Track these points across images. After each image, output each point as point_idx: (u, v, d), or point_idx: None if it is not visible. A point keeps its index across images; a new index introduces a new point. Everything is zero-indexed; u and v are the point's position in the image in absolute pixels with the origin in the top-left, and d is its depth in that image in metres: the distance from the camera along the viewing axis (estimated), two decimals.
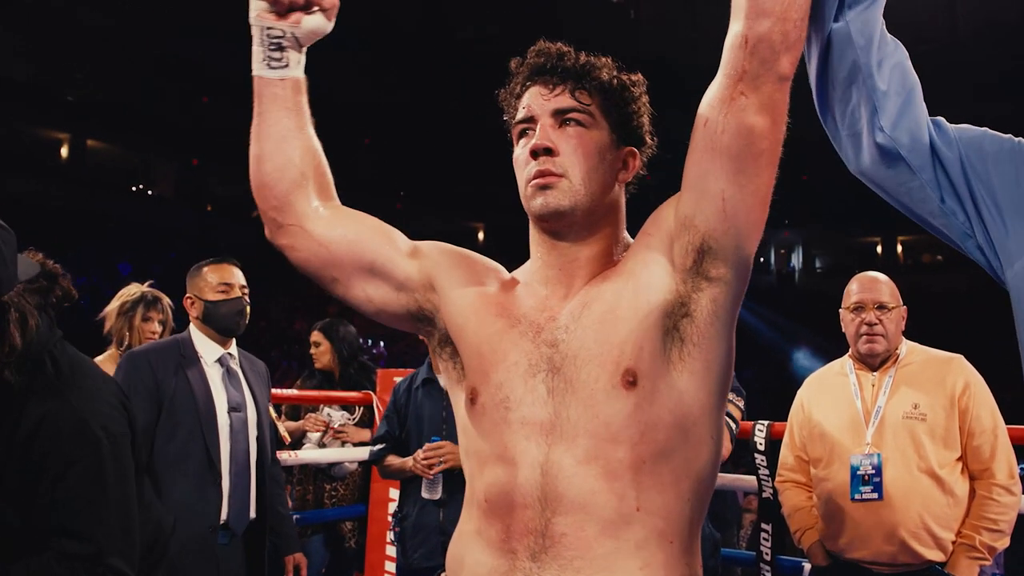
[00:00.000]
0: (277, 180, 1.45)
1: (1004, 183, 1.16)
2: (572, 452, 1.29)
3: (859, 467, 2.68)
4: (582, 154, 1.38)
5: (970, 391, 2.66)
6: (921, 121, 1.23)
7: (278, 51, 1.44)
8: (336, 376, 4.81)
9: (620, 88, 1.44)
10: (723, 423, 1.38)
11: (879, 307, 2.80)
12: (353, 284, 1.47)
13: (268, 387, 3.31)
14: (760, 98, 1.24)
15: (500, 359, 1.38)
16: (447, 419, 3.35)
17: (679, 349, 1.31)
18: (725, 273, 1.30)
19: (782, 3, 1.22)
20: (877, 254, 26.14)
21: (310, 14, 1.43)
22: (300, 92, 1.48)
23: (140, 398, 2.80)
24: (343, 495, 4.65)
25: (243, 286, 3.14)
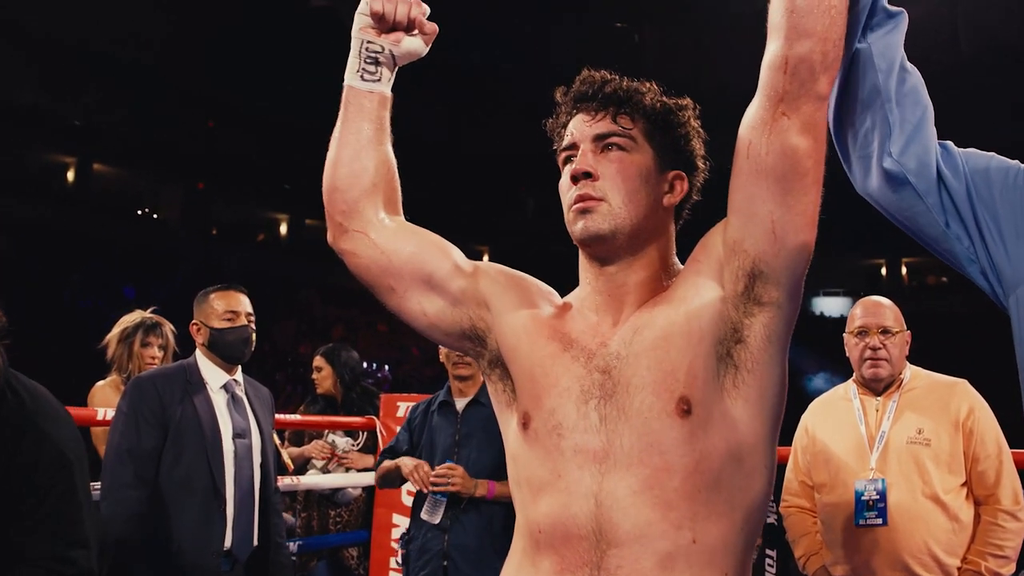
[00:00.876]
0: (350, 186, 1.49)
1: (1008, 209, 1.17)
2: (627, 482, 1.27)
3: (863, 492, 2.66)
4: (622, 178, 1.38)
5: (974, 416, 2.65)
6: (930, 146, 1.23)
7: (374, 65, 1.50)
8: (339, 401, 4.81)
9: (664, 112, 1.44)
10: (775, 453, 1.36)
11: (883, 331, 2.79)
12: (409, 296, 1.49)
13: (272, 414, 3.32)
14: (802, 118, 1.24)
15: (552, 384, 1.37)
16: (460, 443, 3.34)
17: (733, 376, 1.30)
18: (777, 296, 1.29)
19: (823, 23, 1.23)
20: (882, 276, 26.11)
21: (410, 36, 1.49)
22: (385, 108, 1.52)
23: (146, 423, 2.83)
24: (347, 521, 4.64)
25: (249, 314, 3.14)
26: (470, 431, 3.35)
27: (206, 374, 3.04)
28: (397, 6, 1.47)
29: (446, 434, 3.39)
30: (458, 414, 3.41)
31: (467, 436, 3.35)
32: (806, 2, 1.23)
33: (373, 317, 20.33)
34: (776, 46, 1.25)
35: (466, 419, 3.39)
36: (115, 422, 2.91)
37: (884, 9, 1.30)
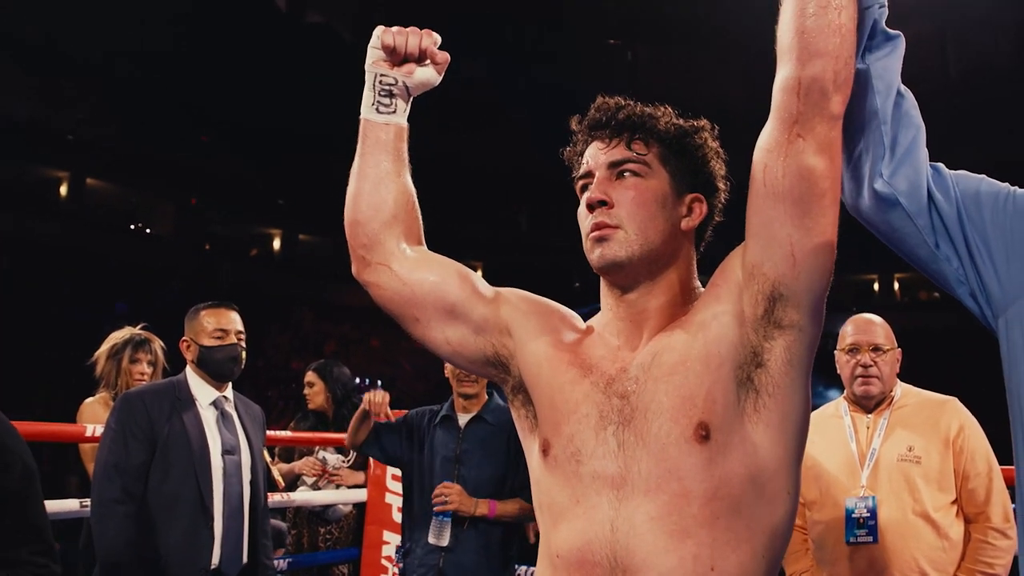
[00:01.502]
0: (370, 219, 1.51)
1: (998, 232, 1.18)
2: (643, 508, 1.26)
3: (854, 510, 2.66)
4: (637, 204, 1.37)
5: (964, 434, 2.65)
6: (921, 168, 1.24)
7: (388, 97, 1.52)
8: (330, 417, 4.79)
9: (679, 135, 1.43)
10: (800, 477, 1.34)
11: (874, 349, 2.79)
12: (433, 325, 1.50)
13: (263, 431, 3.31)
14: (816, 139, 1.24)
15: (572, 410, 1.36)
16: (460, 458, 3.35)
17: (754, 401, 1.29)
18: (798, 319, 1.28)
19: (834, 43, 1.23)
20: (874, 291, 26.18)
21: (423, 66, 1.52)
22: (402, 139, 1.54)
23: (134, 439, 2.83)
24: (337, 538, 4.62)
25: (239, 332, 3.14)
26: (470, 447, 3.37)
27: (196, 391, 3.04)
28: (408, 38, 1.50)
29: (447, 449, 3.39)
30: (460, 429, 3.41)
31: (467, 452, 3.36)
32: (815, 23, 1.24)
33: (366, 333, 20.29)
34: (788, 68, 1.26)
35: (468, 435, 3.40)
36: (104, 438, 2.90)
37: (883, 31, 1.31)
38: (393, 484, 4.48)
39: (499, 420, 3.38)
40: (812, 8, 1.24)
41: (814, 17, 1.24)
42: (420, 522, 3.36)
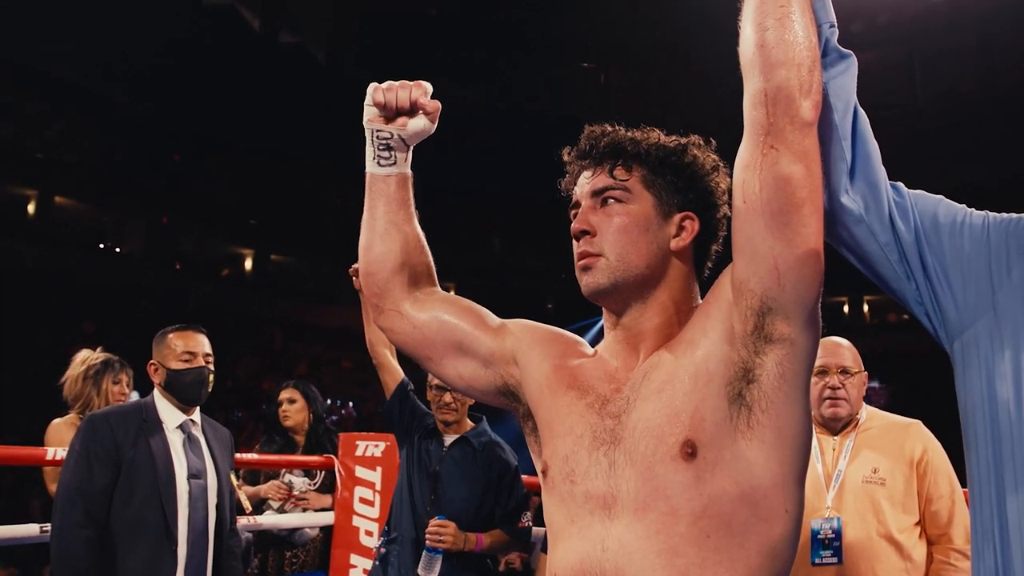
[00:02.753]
0: (378, 269, 1.59)
1: (955, 254, 1.19)
2: (632, 527, 1.27)
3: (819, 531, 2.67)
4: (618, 230, 1.40)
5: (928, 456, 2.68)
6: (881, 186, 1.26)
7: (387, 151, 1.59)
8: (301, 438, 4.75)
9: (663, 156, 1.44)
10: (803, 495, 1.33)
11: (843, 371, 2.81)
12: (444, 362, 1.57)
13: (231, 454, 3.30)
14: (790, 148, 1.25)
15: (568, 431, 1.39)
16: (439, 475, 3.40)
17: (747, 417, 1.28)
18: (789, 332, 1.28)
19: (793, 51, 1.25)
20: (844, 313, 26.42)
21: (415, 117, 1.57)
22: (406, 187, 1.62)
23: (98, 462, 2.80)
24: (304, 561, 4.56)
25: (207, 354, 3.13)
26: (451, 468, 3.41)
27: (163, 414, 3.02)
28: (397, 94, 1.55)
29: (429, 463, 3.44)
30: (443, 448, 3.47)
31: (447, 471, 3.41)
32: (775, 36, 1.26)
33: (338, 353, 20.17)
34: (754, 83, 1.27)
35: (450, 455, 3.44)
36: (67, 460, 2.87)
37: (836, 49, 1.33)
38: (360, 507, 4.44)
39: (483, 445, 3.44)
40: (770, 22, 1.26)
41: (772, 30, 1.26)
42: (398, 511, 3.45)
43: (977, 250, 1.17)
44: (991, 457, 1.11)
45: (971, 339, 1.16)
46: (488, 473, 3.39)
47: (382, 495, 4.41)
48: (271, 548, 4.56)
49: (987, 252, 1.17)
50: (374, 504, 4.45)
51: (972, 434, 1.14)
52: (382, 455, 4.51)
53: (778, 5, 1.26)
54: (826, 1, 1.33)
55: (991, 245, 1.17)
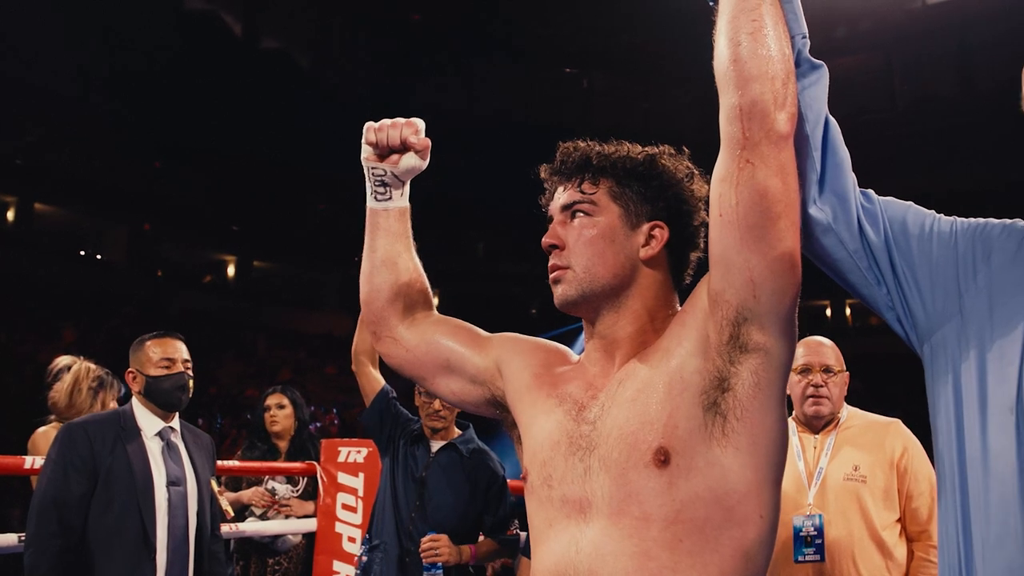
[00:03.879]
0: (374, 299, 1.68)
1: (924, 259, 1.20)
2: (606, 531, 1.30)
3: (801, 528, 2.69)
4: (583, 243, 1.44)
5: (908, 455, 2.71)
6: (850, 195, 1.27)
7: (382, 187, 1.67)
8: (285, 444, 4.73)
9: (629, 168, 1.47)
10: (779, 500, 1.35)
11: (825, 370, 2.85)
12: (437, 380, 1.66)
13: (213, 460, 3.29)
14: (766, 162, 1.25)
15: (546, 437, 1.42)
16: (425, 481, 3.40)
17: (721, 425, 1.29)
18: (764, 342, 1.29)
19: (766, 65, 1.26)
20: (826, 317, 26.58)
21: (406, 155, 1.63)
22: (403, 220, 1.70)
23: (75, 470, 2.78)
24: (287, 569, 4.52)
25: (186, 360, 3.13)
26: (437, 473, 3.42)
27: (141, 421, 3.01)
28: (388, 133, 1.62)
29: (415, 468, 3.44)
30: (430, 453, 3.47)
31: (433, 477, 3.41)
32: (748, 50, 1.26)
33: (321, 360, 20.10)
34: (729, 97, 1.28)
35: (437, 461, 3.45)
36: (44, 469, 2.85)
37: (808, 60, 1.34)
38: (343, 513, 4.42)
39: (470, 452, 3.46)
40: (743, 37, 1.27)
41: (746, 45, 1.26)
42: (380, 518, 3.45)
43: (945, 255, 1.19)
44: (955, 457, 1.12)
45: (939, 341, 1.18)
46: (475, 480, 3.40)
47: (365, 501, 4.40)
48: (253, 555, 4.53)
49: (955, 257, 1.19)
50: (357, 510, 4.44)
51: (944, 433, 1.16)
52: (364, 461, 4.49)
53: (750, 19, 1.27)
54: (798, 13, 1.35)
55: (958, 250, 1.19)
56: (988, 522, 1.05)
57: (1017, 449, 1.04)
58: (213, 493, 3.22)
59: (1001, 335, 1.10)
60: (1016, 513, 1.01)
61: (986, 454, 1.07)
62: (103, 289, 19.98)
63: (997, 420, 1.07)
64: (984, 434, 1.08)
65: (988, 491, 1.05)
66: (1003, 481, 1.04)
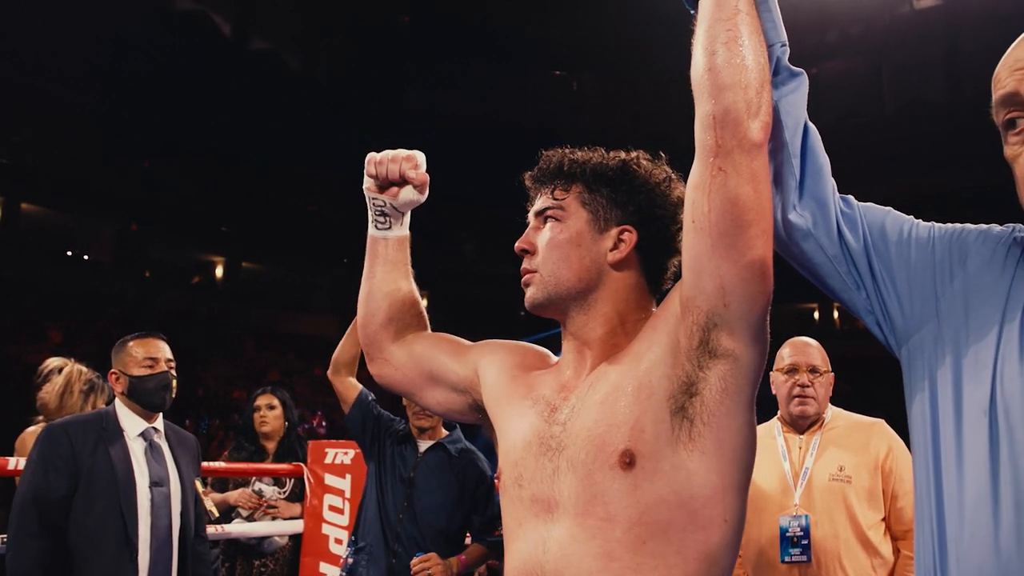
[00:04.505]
0: (369, 322, 1.75)
1: (902, 263, 1.21)
2: (572, 532, 1.32)
3: (788, 529, 2.71)
4: (551, 247, 1.49)
5: (893, 455, 2.73)
6: (829, 200, 1.28)
7: (382, 216, 1.73)
8: (273, 445, 4.71)
9: (599, 173, 1.51)
10: (745, 504, 1.37)
11: (812, 370, 2.86)
12: (424, 393, 1.73)
13: (197, 461, 3.28)
14: (738, 170, 1.25)
15: (519, 438, 1.46)
16: (413, 482, 3.40)
17: (688, 429, 1.31)
18: (733, 348, 1.30)
19: (740, 74, 1.26)
20: (814, 320, 26.69)
21: (404, 188, 1.69)
22: (402, 248, 1.77)
23: (56, 471, 2.78)
24: (273, 570, 4.50)
25: (169, 360, 3.13)
26: (425, 473, 3.41)
27: (124, 422, 3.00)
28: (387, 167, 1.67)
29: (403, 468, 3.44)
30: (418, 453, 3.47)
31: (421, 477, 3.41)
32: (723, 59, 1.27)
33: (309, 361, 20.05)
34: (703, 105, 1.28)
35: (425, 461, 3.45)
36: (25, 470, 2.85)
37: (787, 68, 1.35)
38: (330, 515, 4.41)
39: (459, 452, 3.46)
40: (718, 46, 1.28)
41: (721, 54, 1.27)
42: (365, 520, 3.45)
43: (923, 259, 1.20)
44: (930, 458, 1.14)
45: (916, 345, 1.19)
46: (463, 480, 3.39)
47: (352, 503, 4.39)
48: (239, 557, 4.51)
49: (932, 262, 1.20)
50: (344, 512, 4.43)
51: (921, 436, 1.17)
52: (352, 462, 4.49)
53: (725, 29, 1.28)
54: (777, 22, 1.35)
55: (936, 255, 1.20)
56: (962, 523, 1.06)
57: (990, 451, 1.04)
58: (198, 494, 3.21)
59: (976, 339, 1.11)
60: (988, 514, 1.02)
61: (960, 456, 1.08)
62: (90, 289, 19.90)
63: (971, 422, 1.08)
64: (959, 436, 1.09)
65: (962, 492, 1.06)
66: (976, 482, 1.05)
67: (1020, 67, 1.08)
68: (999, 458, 1.03)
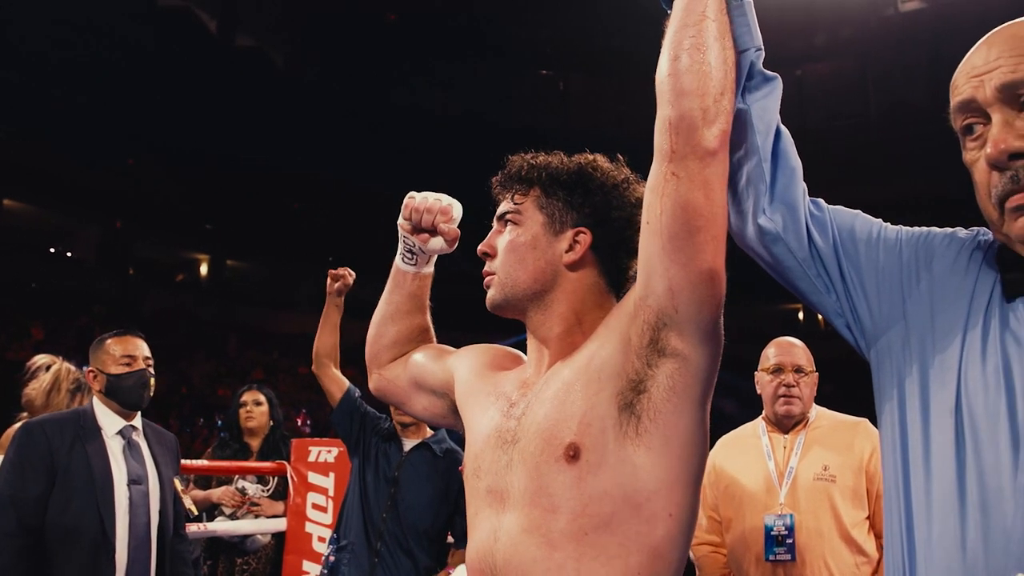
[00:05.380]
0: (376, 341, 1.87)
1: (871, 266, 1.23)
2: (519, 521, 1.38)
3: (772, 527, 2.72)
4: (507, 250, 1.54)
5: (876, 456, 2.73)
6: (799, 205, 1.29)
7: (410, 254, 1.83)
8: (257, 443, 4.70)
9: (555, 177, 1.55)
10: (694, 500, 1.39)
11: (797, 370, 2.88)
12: (411, 400, 1.84)
13: (177, 460, 3.27)
14: (691, 176, 1.26)
15: (480, 433, 1.53)
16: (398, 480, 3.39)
17: (635, 425, 1.34)
18: (682, 348, 1.32)
19: (698, 80, 1.26)
20: (799, 320, 26.83)
21: (435, 237, 1.78)
22: (423, 284, 1.87)
23: (32, 469, 2.77)
24: (255, 569, 4.49)
25: (147, 358, 3.12)
26: (410, 473, 3.40)
27: (101, 420, 2.99)
28: (423, 216, 1.76)
29: (387, 467, 3.43)
30: (402, 452, 3.46)
31: (406, 476, 3.40)
32: (686, 64, 1.28)
33: (294, 360, 19.99)
34: (662, 109, 1.30)
35: (409, 460, 3.44)
36: (1, 469, 2.82)
37: (761, 72, 1.35)
38: (313, 513, 4.40)
39: (444, 452, 3.46)
40: (682, 52, 1.28)
41: (684, 59, 1.28)
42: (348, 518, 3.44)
43: (890, 261, 1.22)
44: (899, 458, 1.15)
45: (885, 346, 1.21)
46: (448, 481, 3.39)
47: (335, 501, 4.38)
48: (222, 555, 4.50)
49: (899, 264, 1.21)
50: (327, 510, 4.42)
51: (889, 438, 1.19)
52: (335, 461, 4.48)
53: (690, 34, 1.29)
54: (752, 27, 1.35)
55: (903, 257, 1.21)
56: (930, 523, 1.07)
57: (956, 452, 1.06)
58: (177, 493, 3.20)
59: (941, 341, 1.13)
60: (955, 513, 1.04)
61: (928, 456, 1.09)
62: (73, 287, 19.77)
63: (938, 423, 1.09)
64: (926, 437, 1.10)
65: (930, 492, 1.08)
66: (943, 482, 1.06)
67: (976, 74, 1.10)
68: (965, 459, 1.04)
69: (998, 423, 1.03)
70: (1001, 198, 1.07)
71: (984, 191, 1.10)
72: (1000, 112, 1.07)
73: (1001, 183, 1.07)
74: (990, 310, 1.11)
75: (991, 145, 1.06)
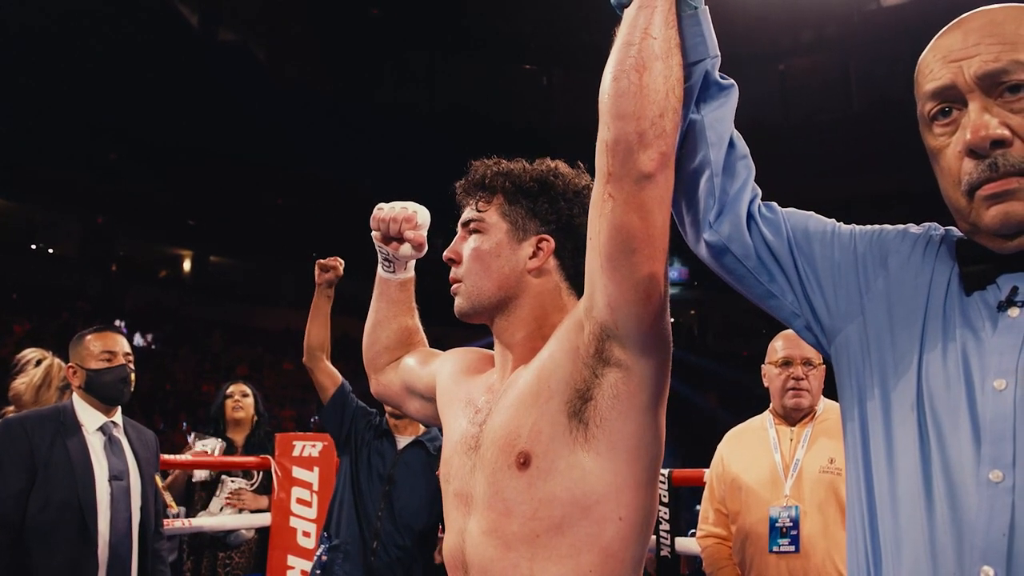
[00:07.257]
0: (370, 348, 1.97)
1: (827, 263, 1.24)
2: (479, 524, 1.44)
3: (777, 519, 2.72)
4: (472, 257, 1.57)
5: None
6: (743, 213, 1.28)
7: (387, 262, 1.92)
8: (242, 437, 4.69)
9: (518, 185, 1.57)
10: (648, 501, 1.42)
11: (806, 363, 2.88)
12: (405, 403, 1.93)
13: (156, 456, 3.26)
14: (625, 198, 1.26)
15: (451, 437, 1.58)
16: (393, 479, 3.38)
17: (583, 431, 1.37)
18: (624, 358, 1.35)
19: (636, 103, 1.23)
20: None
21: (404, 244, 1.86)
22: (406, 288, 1.96)
23: (12, 466, 2.76)
24: (238, 563, 4.47)
25: (127, 353, 3.11)
26: (405, 471, 3.38)
27: (82, 416, 2.97)
28: (388, 225, 1.83)
29: (381, 465, 3.42)
30: (396, 450, 3.44)
31: (400, 475, 3.38)
32: (625, 85, 1.24)
33: (278, 356, 19.94)
34: (600, 130, 1.28)
35: (403, 458, 3.42)
36: None
37: (716, 83, 1.33)
38: (297, 508, 4.38)
39: (437, 450, 3.42)
40: (621, 72, 1.25)
41: (622, 80, 1.25)
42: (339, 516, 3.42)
43: (846, 259, 1.22)
44: (860, 454, 1.15)
45: (843, 342, 1.21)
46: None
47: (320, 496, 4.35)
48: (206, 550, 4.48)
49: (854, 260, 1.22)
50: (311, 505, 4.40)
51: (850, 434, 1.20)
52: (319, 455, 4.45)
53: (631, 54, 1.25)
54: (707, 36, 1.30)
55: (857, 253, 1.22)
56: (896, 519, 1.07)
57: (920, 446, 1.06)
58: (157, 489, 3.19)
59: (900, 336, 1.13)
60: (922, 508, 1.04)
61: (891, 452, 1.10)
62: (55, 283, 19.63)
63: (900, 419, 1.09)
64: (888, 433, 1.11)
65: (894, 487, 1.08)
66: (908, 477, 1.06)
67: (954, 59, 1.08)
68: (930, 454, 1.05)
69: (959, 417, 1.03)
70: (974, 186, 1.06)
71: (952, 178, 1.09)
72: (979, 99, 1.06)
73: (977, 171, 1.05)
74: (948, 304, 1.11)
75: (971, 132, 1.05)
